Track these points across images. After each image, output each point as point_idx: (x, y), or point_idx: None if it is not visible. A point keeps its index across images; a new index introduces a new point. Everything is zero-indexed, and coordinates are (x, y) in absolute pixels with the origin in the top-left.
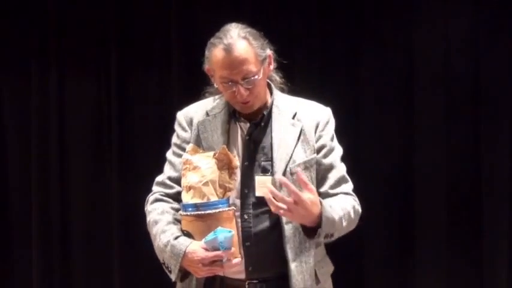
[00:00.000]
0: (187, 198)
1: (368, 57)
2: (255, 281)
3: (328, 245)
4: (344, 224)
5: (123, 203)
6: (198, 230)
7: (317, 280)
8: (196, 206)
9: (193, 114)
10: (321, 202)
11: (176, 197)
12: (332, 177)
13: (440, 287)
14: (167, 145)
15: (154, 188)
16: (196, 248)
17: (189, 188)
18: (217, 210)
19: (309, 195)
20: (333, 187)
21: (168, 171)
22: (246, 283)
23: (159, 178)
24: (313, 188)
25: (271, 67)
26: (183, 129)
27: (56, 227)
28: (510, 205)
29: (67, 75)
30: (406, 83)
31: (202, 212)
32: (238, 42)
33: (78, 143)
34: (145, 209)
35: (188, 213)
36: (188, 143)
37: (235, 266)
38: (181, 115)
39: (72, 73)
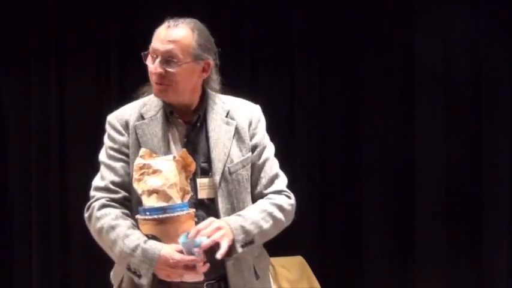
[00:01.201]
0: (151, 202)
1: (368, 57)
2: (212, 281)
3: (329, 246)
4: (266, 225)
5: None
6: (166, 233)
7: (256, 276)
8: (163, 209)
9: (128, 117)
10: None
11: (122, 202)
12: (265, 176)
13: (440, 287)
14: None
15: (96, 194)
16: (170, 251)
17: (152, 192)
18: (184, 212)
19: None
20: (266, 187)
21: (109, 176)
22: (204, 284)
23: (99, 183)
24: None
25: (205, 75)
26: (119, 133)
27: (55, 227)
28: (510, 205)
29: (67, 75)
30: (406, 84)
31: (171, 215)
32: (182, 26)
33: (78, 142)
34: (88, 215)
35: (156, 217)
36: (127, 147)
37: (206, 269)
38: (114, 118)
39: (72, 73)
